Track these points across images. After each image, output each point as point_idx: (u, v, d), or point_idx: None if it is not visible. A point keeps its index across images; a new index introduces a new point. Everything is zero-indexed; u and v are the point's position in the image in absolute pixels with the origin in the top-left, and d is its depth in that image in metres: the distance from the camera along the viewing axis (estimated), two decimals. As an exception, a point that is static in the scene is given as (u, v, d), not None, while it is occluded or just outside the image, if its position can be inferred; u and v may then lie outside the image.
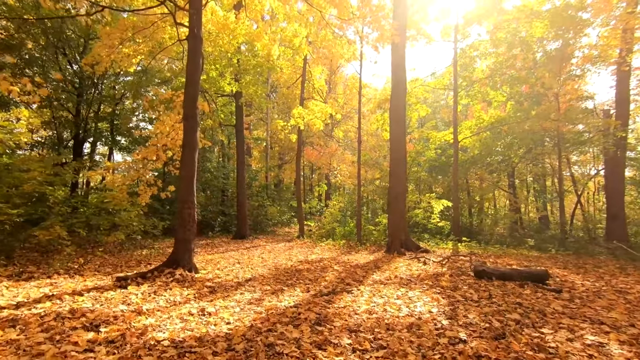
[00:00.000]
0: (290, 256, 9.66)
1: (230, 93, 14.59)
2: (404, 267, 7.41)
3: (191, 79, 6.69)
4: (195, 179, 6.64)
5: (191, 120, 6.64)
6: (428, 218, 13.83)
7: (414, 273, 6.64)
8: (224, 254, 9.95)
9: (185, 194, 6.44)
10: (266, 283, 5.90)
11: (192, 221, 6.47)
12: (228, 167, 20.71)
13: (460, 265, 7.52)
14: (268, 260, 8.83)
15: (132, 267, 7.30)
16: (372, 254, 10.43)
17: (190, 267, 6.31)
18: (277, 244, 13.20)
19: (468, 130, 15.40)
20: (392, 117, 11.18)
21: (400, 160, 10.91)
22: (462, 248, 10.75)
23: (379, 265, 7.72)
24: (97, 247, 9.53)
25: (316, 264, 8.05)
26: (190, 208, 6.46)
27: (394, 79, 11.23)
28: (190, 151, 6.58)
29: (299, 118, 12.55)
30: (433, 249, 10.58)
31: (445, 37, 15.50)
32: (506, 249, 11.43)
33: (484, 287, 5.45)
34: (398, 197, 10.79)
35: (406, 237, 10.64)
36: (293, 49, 12.86)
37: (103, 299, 4.52)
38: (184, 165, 6.54)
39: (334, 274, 6.69)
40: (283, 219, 21.83)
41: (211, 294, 5.10)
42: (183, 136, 6.65)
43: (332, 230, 14.82)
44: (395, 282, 5.85)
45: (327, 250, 11.33)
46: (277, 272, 7.05)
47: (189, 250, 6.39)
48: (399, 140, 10.99)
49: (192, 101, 6.67)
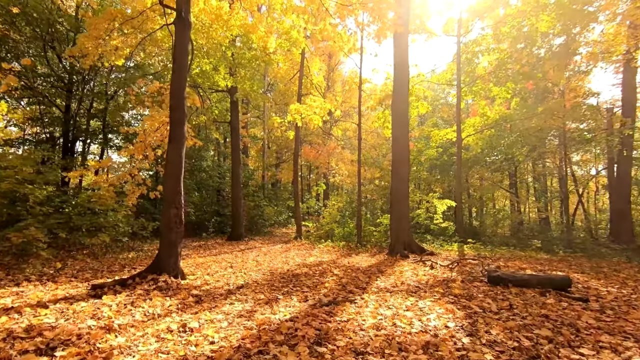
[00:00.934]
0: (287, 259, 9.09)
1: (225, 88, 14.01)
2: (410, 271, 6.86)
3: (178, 66, 6.12)
4: (182, 177, 6.06)
5: (178, 112, 6.07)
6: (430, 219, 13.29)
7: (421, 279, 6.09)
8: (216, 257, 9.37)
9: (171, 192, 5.87)
10: (260, 290, 5.33)
11: (178, 222, 5.89)
12: (224, 166, 20.10)
13: (470, 269, 6.98)
14: (263, 263, 8.26)
15: (115, 272, 6.71)
16: (374, 256, 9.89)
17: (176, 272, 5.73)
18: (274, 245, 12.63)
19: (471, 127, 14.89)
20: (395, 113, 10.64)
21: (402, 159, 10.37)
22: (468, 250, 10.23)
23: (382, 270, 7.17)
24: (81, 250, 8.93)
25: (315, 268, 7.49)
26: (176, 208, 5.88)
27: (396, 73, 10.69)
28: (177, 146, 6.00)
29: (296, 114, 11.98)
30: (438, 251, 10.05)
31: (447, 32, 15.00)
32: (513, 250, 10.91)
33: (502, 296, 4.90)
34: (400, 197, 10.25)
35: (409, 238, 10.10)
36: (290, 42, 12.31)
37: (71, 312, 3.93)
38: (170, 162, 5.96)
39: (335, 280, 6.13)
40: (280, 220, 21.25)
41: (197, 304, 4.53)
42: (169, 130, 6.07)
43: (330, 231, 14.26)
44: (402, 290, 5.29)
45: (326, 252, 10.77)
46: (272, 277, 6.49)
47: (175, 254, 5.81)
48: (402, 137, 10.46)
49: (179, 91, 6.10)
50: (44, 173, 9.88)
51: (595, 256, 10.01)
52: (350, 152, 24.42)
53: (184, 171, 6.14)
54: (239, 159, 14.61)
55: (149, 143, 8.55)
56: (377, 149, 21.83)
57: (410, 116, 20.23)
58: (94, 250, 8.79)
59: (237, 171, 14.38)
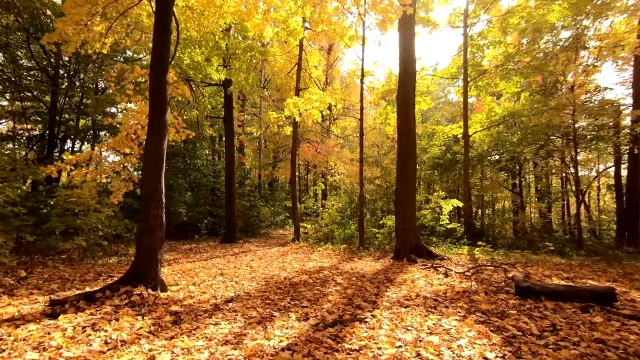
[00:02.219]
0: (284, 264, 8.31)
1: (219, 81, 13.21)
2: (423, 280, 6.10)
3: (159, 45, 5.32)
4: (163, 172, 5.27)
5: (158, 97, 5.27)
6: (436, 220, 12.54)
7: (438, 289, 5.32)
8: (206, 262, 8.56)
9: (150, 190, 5.07)
10: (252, 305, 4.55)
11: (159, 224, 5.10)
12: (219, 164, 19.28)
13: (490, 277, 6.23)
14: (258, 270, 7.47)
15: (88, 281, 5.90)
16: (378, 260, 9.13)
17: (155, 283, 4.93)
18: (270, 248, 11.83)
19: (478, 124, 14.16)
20: (400, 106, 9.89)
21: (409, 154, 9.61)
22: (479, 254, 9.48)
23: (390, 277, 6.40)
24: (58, 256, 8.10)
25: (315, 276, 6.71)
26: (156, 208, 5.09)
27: (402, 62, 9.94)
28: (157, 137, 5.20)
29: (294, 108, 11.20)
30: (447, 255, 9.30)
31: (453, 22, 14.27)
32: (526, 254, 10.17)
33: (538, 312, 4.15)
34: (407, 197, 9.49)
35: (417, 241, 9.34)
36: (287, 31, 11.54)
37: (11, 339, 3.13)
38: (149, 155, 5.16)
39: (339, 291, 5.35)
40: (277, 221, 20.44)
41: (174, 325, 3.74)
42: (149, 118, 5.28)
43: (330, 232, 13.48)
44: (419, 304, 4.52)
45: (326, 256, 10.00)
46: (268, 287, 5.70)
47: (155, 261, 5.01)
48: (408, 132, 9.70)
49: (160, 73, 5.30)
50: (18, 170, 9.05)
51: (613, 260, 9.31)
52: (349, 151, 23.67)
53: (179, 170, 5.35)
54: (234, 156, 13.81)
55: (132, 136, 7.73)
56: (378, 147, 21.06)
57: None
58: (72, 256, 7.96)
59: (231, 169, 13.57)
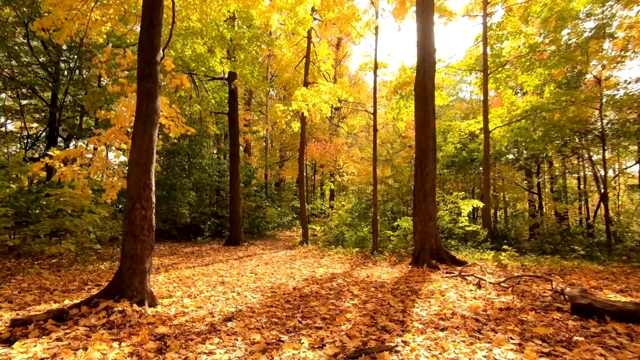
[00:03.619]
0: (292, 271, 7.54)
1: (222, 74, 12.52)
2: (453, 292, 5.28)
3: (147, 19, 4.60)
4: (153, 166, 4.54)
5: (148, 81, 4.54)
6: (454, 221, 11.68)
7: (475, 305, 4.50)
8: (207, 267, 7.84)
9: (137, 187, 4.34)
10: (255, 325, 3.78)
11: (147, 228, 4.36)
12: (224, 163, 18.61)
13: (530, 289, 5.38)
14: (263, 277, 6.72)
15: (71, 292, 5.19)
16: (394, 266, 8.33)
17: (141, 297, 4.20)
18: (277, 251, 11.09)
19: (498, 118, 13.25)
20: (419, 98, 9.06)
21: (428, 149, 8.79)
22: (506, 260, 8.60)
23: (414, 288, 5.59)
24: (47, 260, 7.45)
25: (327, 285, 5.94)
26: (144, 208, 4.36)
27: (420, 50, 9.12)
28: (146, 126, 4.48)
29: (302, 102, 10.44)
30: (471, 261, 8.45)
31: (471, 11, 13.41)
32: (557, 259, 9.26)
33: (610, 339, 3.31)
34: (427, 196, 8.67)
35: (438, 245, 8.50)
36: (295, 20, 10.79)
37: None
38: (136, 145, 4.44)
39: (357, 305, 4.57)
40: (284, 222, 19.72)
41: (158, 354, 2.99)
42: (136, 104, 4.55)
43: (340, 235, 12.69)
44: (458, 326, 3.71)
45: (338, 261, 9.22)
46: (274, 299, 4.94)
47: (141, 271, 4.28)
48: (427, 125, 8.88)
49: (149, 52, 4.58)
50: (9, 168, 8.45)
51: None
52: (358, 150, 22.86)
53: (183, 169, 4.63)
54: (238, 153, 13.11)
55: (127, 129, 7.06)
56: (391, 143, 20.20)
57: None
58: (61, 261, 7.30)
59: (235, 167, 12.86)
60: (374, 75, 10.77)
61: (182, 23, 10.29)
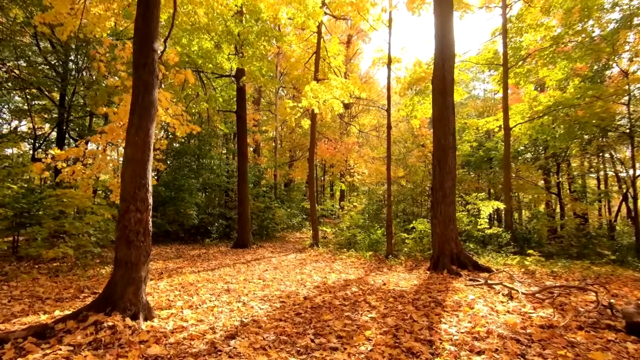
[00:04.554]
0: (303, 277, 7.07)
1: (230, 71, 12.15)
2: (482, 304, 4.73)
3: (143, 4, 4.19)
4: (150, 164, 4.12)
5: (144, 71, 4.13)
6: (474, 224, 11.05)
7: (511, 321, 3.95)
8: (213, 272, 7.42)
9: (131, 186, 3.92)
10: (261, 344, 3.32)
11: (142, 232, 3.94)
12: (233, 164, 18.28)
13: (569, 301, 4.79)
14: (272, 284, 6.26)
15: (63, 301, 4.82)
16: (411, 272, 7.79)
17: (135, 309, 3.77)
18: (286, 255, 10.64)
19: (519, 115, 12.56)
20: (437, 92, 8.51)
21: (447, 148, 8.23)
22: (533, 265, 7.97)
23: (437, 298, 5.06)
24: (51, 264, 7.14)
25: (341, 294, 5.45)
26: (140, 210, 3.93)
27: (438, 42, 8.58)
28: (142, 120, 4.06)
29: (312, 99, 9.97)
30: (495, 267, 7.86)
31: (489, 2, 12.76)
32: (586, 264, 8.57)
33: (688, 369, 2.75)
34: (446, 197, 8.10)
35: (458, 249, 7.93)
36: (305, 13, 10.35)
37: None
38: (131, 142, 4.02)
39: (376, 320, 4.07)
40: (293, 223, 19.27)
41: (147, 383, 2.55)
42: (132, 96, 4.14)
43: (352, 237, 12.17)
44: (497, 349, 3.18)
45: (350, 265, 8.71)
46: (283, 311, 4.47)
47: (137, 280, 3.86)
48: (446, 122, 8.32)
49: (147, 41, 4.17)
50: (13, 169, 8.20)
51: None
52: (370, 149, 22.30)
53: (191, 170, 4.21)
54: (246, 153, 12.72)
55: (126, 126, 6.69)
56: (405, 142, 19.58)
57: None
58: (61, 265, 6.97)
59: (243, 167, 12.47)
60: (388, 69, 10.24)
61: (187, 18, 9.95)
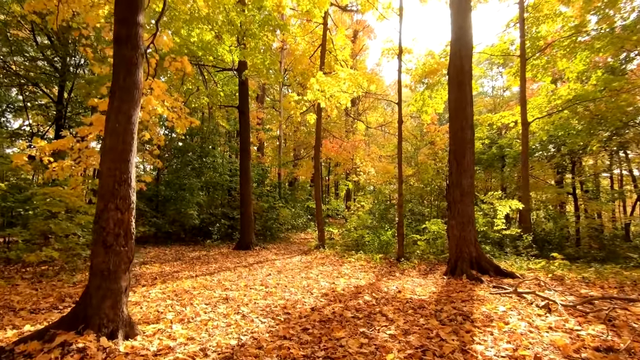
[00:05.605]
0: (309, 282, 6.47)
1: (232, 65, 11.59)
2: (516, 316, 4.09)
3: (126, -32, 3.61)
4: (133, 155, 3.54)
5: (125, 45, 3.55)
6: (490, 224, 10.38)
7: (559, 341, 3.31)
8: (212, 277, 6.85)
9: (110, 181, 3.34)
10: (262, 372, 2.72)
11: (123, 235, 3.36)
12: (236, 163, 17.74)
13: (618, 315, 4.15)
14: (275, 291, 5.66)
15: (40, 312, 4.26)
16: (426, 277, 7.17)
17: (114, 326, 3.19)
18: (291, 257, 10.05)
19: (536, 109, 11.86)
20: (453, 82, 7.88)
21: (465, 143, 7.59)
22: (560, 270, 7.30)
23: (462, 309, 4.43)
24: (39, 267, 6.61)
25: (353, 303, 4.84)
26: (120, 209, 3.35)
27: (455, 27, 7.93)
28: (123, 103, 3.48)
29: (319, 91, 9.37)
30: (519, 272, 7.20)
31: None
32: (617, 269, 7.87)
33: None
34: (464, 195, 7.48)
35: (478, 253, 7.28)
36: (311, 0, 9.77)
37: None
38: (110, 130, 3.44)
39: (396, 338, 3.45)
40: (298, 223, 18.69)
41: None
42: (112, 76, 3.57)
43: (360, 238, 11.55)
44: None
45: (360, 269, 8.10)
46: (288, 326, 3.87)
47: (115, 292, 3.27)
48: (464, 113, 7.68)
49: (129, 8, 3.59)
50: (1, 165, 7.70)
51: None
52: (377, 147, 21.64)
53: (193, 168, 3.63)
54: (249, 150, 12.14)
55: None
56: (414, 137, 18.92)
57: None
58: (46, 270, 6.44)
59: (246, 165, 11.90)
60: (399, 60, 9.61)
61: (185, 6, 9.40)
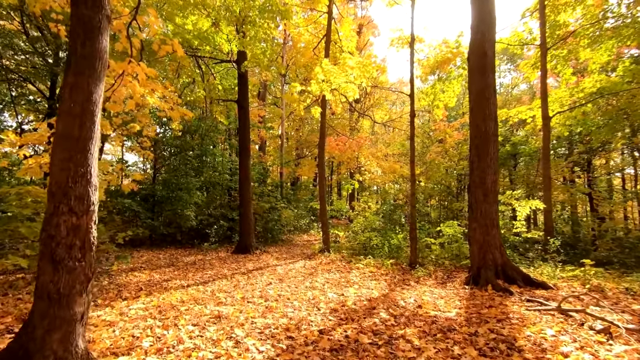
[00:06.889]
0: (315, 293, 5.70)
1: (230, 56, 10.86)
2: (571, 344, 3.31)
3: None
4: (95, 144, 2.79)
5: (84, 5, 2.80)
6: (510, 227, 9.60)
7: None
8: (205, 287, 6.10)
9: (63, 176, 2.59)
10: None
11: (80, 246, 2.60)
12: (235, 161, 17.01)
13: (702, 343, 3.36)
14: (276, 305, 4.90)
15: (-9, 335, 3.52)
16: (444, 286, 6.40)
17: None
18: (293, 262, 9.29)
19: (557, 102, 11.05)
20: (474, 70, 7.08)
21: (488, 137, 6.80)
22: (598, 280, 6.49)
23: (502, 333, 3.66)
24: (5, 277, 5.89)
25: (368, 323, 4.08)
26: (75, 213, 2.60)
27: (476, 10, 7.13)
28: (80, 77, 2.73)
29: (324, 82, 8.61)
30: (552, 281, 6.41)
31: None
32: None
33: None
34: (488, 195, 6.69)
35: (504, 260, 6.49)
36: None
37: None
38: (65, 111, 2.69)
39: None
40: (301, 224, 17.94)
41: None
42: (69, 44, 2.83)
43: (367, 241, 10.78)
44: None
45: (370, 276, 7.33)
46: (292, 356, 3.12)
47: (68, 320, 2.52)
48: (487, 103, 6.88)
49: (90, -40, 2.84)
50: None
51: None
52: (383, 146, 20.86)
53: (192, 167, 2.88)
54: (249, 148, 11.40)
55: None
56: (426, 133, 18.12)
57: (463, 97, 16.41)
58: (15, 280, 5.71)
59: (246, 163, 11.15)
60: (411, 48, 8.84)
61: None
